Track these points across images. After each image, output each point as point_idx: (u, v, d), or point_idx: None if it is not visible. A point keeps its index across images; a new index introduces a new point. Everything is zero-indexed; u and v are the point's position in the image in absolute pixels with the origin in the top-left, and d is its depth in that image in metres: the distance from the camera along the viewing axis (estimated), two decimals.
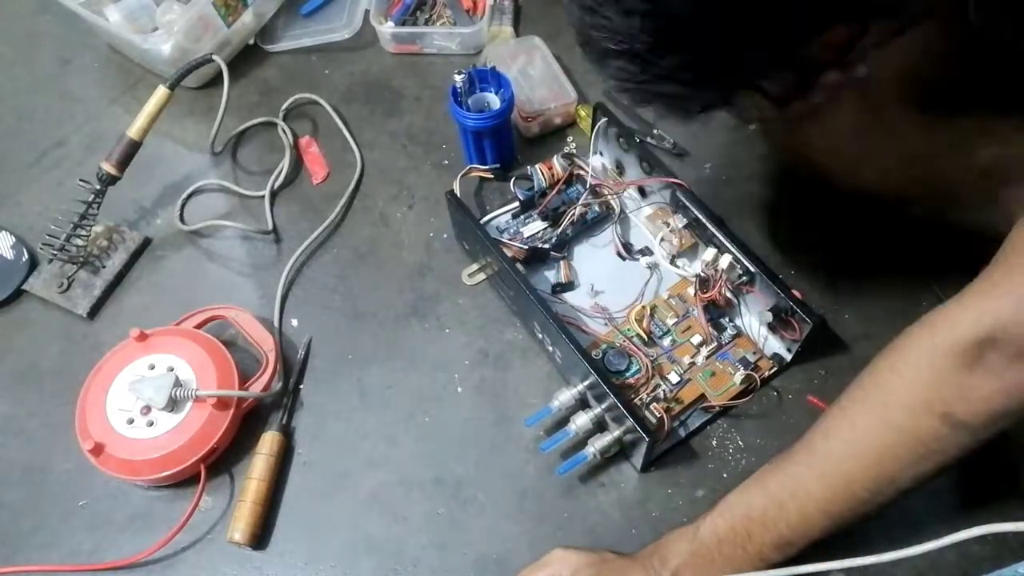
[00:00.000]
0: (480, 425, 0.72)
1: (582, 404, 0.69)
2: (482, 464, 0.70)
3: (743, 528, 0.57)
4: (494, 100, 0.79)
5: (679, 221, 0.76)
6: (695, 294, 0.73)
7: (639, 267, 0.78)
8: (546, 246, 0.77)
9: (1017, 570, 0.52)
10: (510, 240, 0.77)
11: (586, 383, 0.67)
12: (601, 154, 0.84)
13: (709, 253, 0.71)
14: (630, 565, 0.60)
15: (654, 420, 0.67)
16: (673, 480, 0.68)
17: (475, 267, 0.80)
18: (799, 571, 0.57)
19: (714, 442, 0.70)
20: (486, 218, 0.80)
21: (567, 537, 0.66)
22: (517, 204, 0.79)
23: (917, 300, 0.75)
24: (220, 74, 0.87)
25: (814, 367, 0.72)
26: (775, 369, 0.71)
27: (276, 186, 0.88)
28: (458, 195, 0.76)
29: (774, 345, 0.72)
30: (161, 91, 0.81)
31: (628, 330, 0.73)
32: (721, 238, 0.71)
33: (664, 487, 0.68)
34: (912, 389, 0.52)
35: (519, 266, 0.76)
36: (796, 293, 0.67)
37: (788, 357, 0.72)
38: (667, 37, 0.44)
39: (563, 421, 0.69)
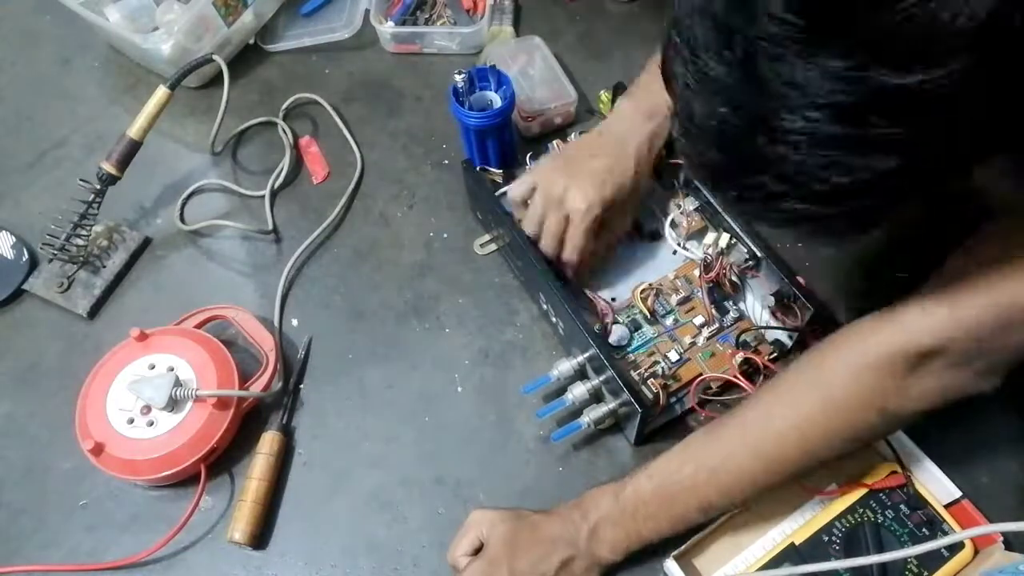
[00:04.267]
0: (480, 425, 0.72)
1: (581, 375, 0.70)
2: (482, 464, 0.70)
3: (669, 492, 0.60)
4: (495, 99, 0.79)
5: (690, 204, 0.78)
6: (699, 275, 0.74)
7: (647, 247, 0.79)
8: None
9: (1018, 567, 0.52)
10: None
11: (586, 354, 0.68)
12: None
13: (711, 236, 0.73)
14: (548, 519, 0.62)
15: (651, 395, 0.68)
16: None
17: (487, 237, 0.82)
18: (799, 571, 0.57)
19: None
20: (500, 190, 0.80)
21: None
22: None
23: None
24: (220, 74, 0.87)
25: None
26: (775, 355, 0.72)
27: (276, 186, 0.88)
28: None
29: (775, 331, 0.73)
30: (161, 91, 0.81)
31: (632, 307, 0.74)
32: (730, 221, 0.72)
33: None
34: (856, 386, 0.54)
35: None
36: (800, 279, 0.68)
37: (789, 343, 0.72)
38: (863, 181, 0.36)
39: (561, 391, 0.70)
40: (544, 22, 0.99)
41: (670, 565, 0.61)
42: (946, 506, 0.63)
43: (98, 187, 0.80)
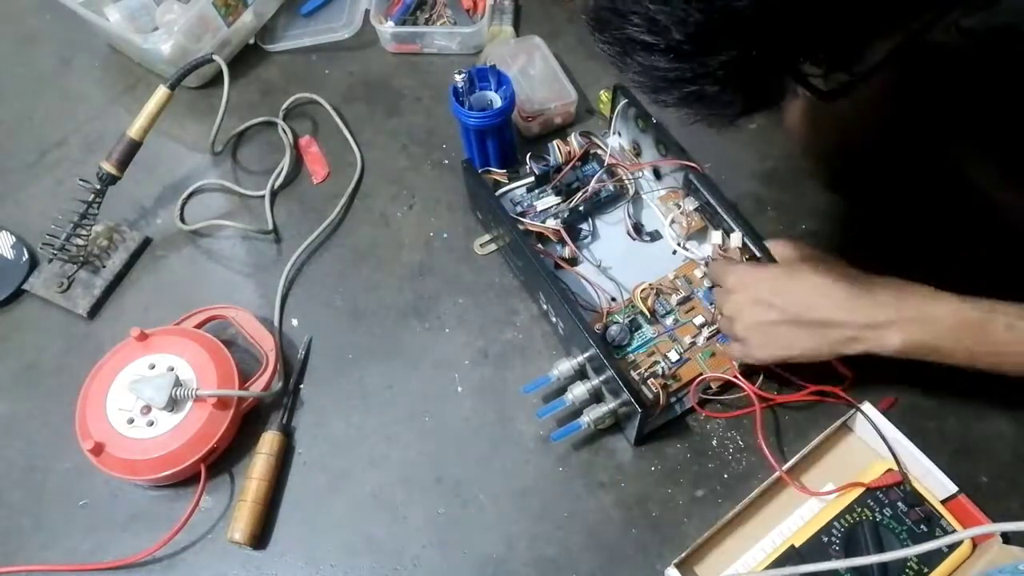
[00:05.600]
0: (480, 425, 0.72)
1: (580, 375, 0.70)
2: (482, 464, 0.70)
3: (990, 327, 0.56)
4: (495, 98, 0.79)
5: (690, 204, 0.78)
6: (702, 276, 0.74)
7: (647, 247, 0.79)
8: (557, 222, 0.78)
9: (1018, 567, 0.52)
10: (531, 218, 0.78)
11: (586, 355, 0.68)
12: (619, 134, 0.85)
13: (717, 236, 0.73)
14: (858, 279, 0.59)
15: (651, 395, 0.68)
16: (673, 480, 0.68)
17: (487, 237, 0.82)
18: (799, 571, 0.57)
19: (714, 442, 0.70)
20: (501, 190, 0.81)
21: (567, 537, 0.66)
22: (532, 178, 0.80)
23: None
24: (220, 74, 0.87)
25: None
26: None
27: (276, 186, 0.88)
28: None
29: None
30: (161, 91, 0.81)
31: (632, 307, 0.74)
32: (730, 221, 0.72)
33: (664, 487, 0.68)
34: None
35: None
36: None
37: None
38: (716, 30, 0.37)
39: (561, 391, 0.69)
40: (544, 22, 0.99)
41: (671, 573, 0.61)
42: (943, 502, 0.63)
43: (98, 187, 0.80)
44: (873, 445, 0.67)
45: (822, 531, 0.62)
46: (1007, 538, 0.60)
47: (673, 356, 0.71)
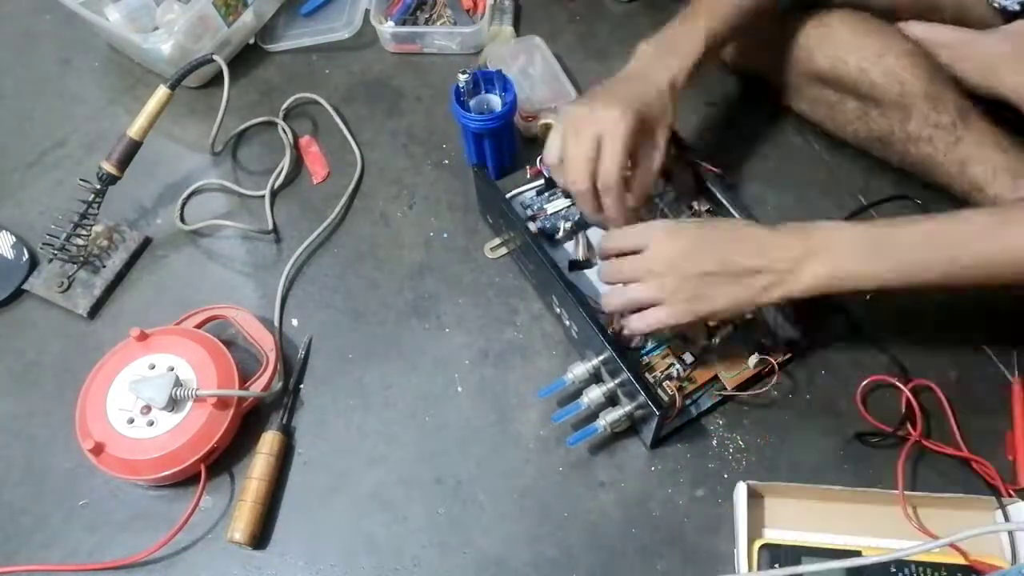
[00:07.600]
0: (480, 425, 0.72)
1: (595, 378, 0.70)
2: (482, 464, 0.70)
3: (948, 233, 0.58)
4: (495, 101, 0.79)
5: (702, 204, 0.77)
6: None
7: None
8: (568, 225, 0.77)
9: (1021, 570, 0.52)
10: (542, 221, 0.78)
11: (601, 358, 0.67)
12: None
13: None
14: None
15: (666, 398, 0.68)
16: (673, 480, 0.68)
17: (497, 241, 0.82)
18: (799, 571, 0.57)
19: (714, 442, 0.70)
20: (511, 194, 0.80)
21: (567, 537, 0.66)
22: (542, 181, 0.80)
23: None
24: (220, 74, 0.87)
25: (817, 369, 0.72)
26: (789, 356, 0.72)
27: (276, 186, 0.88)
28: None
29: (789, 331, 0.72)
30: (161, 91, 0.81)
31: None
32: None
33: (665, 487, 0.68)
34: None
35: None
36: None
37: (804, 344, 0.72)
38: None
39: (576, 394, 0.69)
40: (544, 22, 0.99)
41: (741, 487, 0.62)
42: None
43: (98, 187, 0.80)
44: (1000, 539, 0.63)
45: (895, 563, 0.60)
46: None
47: (688, 358, 0.71)
